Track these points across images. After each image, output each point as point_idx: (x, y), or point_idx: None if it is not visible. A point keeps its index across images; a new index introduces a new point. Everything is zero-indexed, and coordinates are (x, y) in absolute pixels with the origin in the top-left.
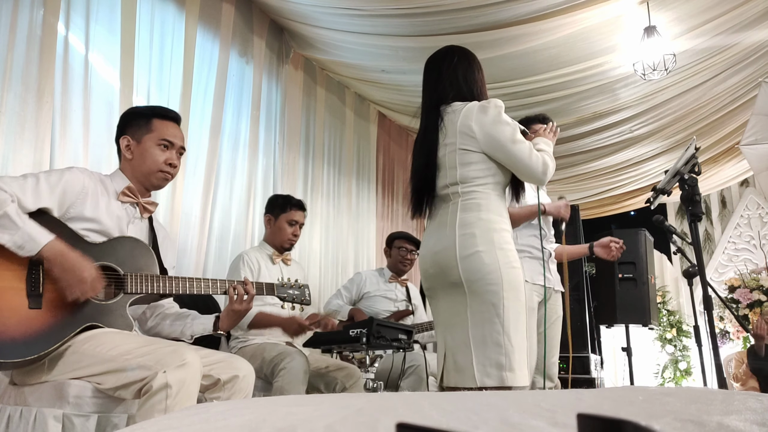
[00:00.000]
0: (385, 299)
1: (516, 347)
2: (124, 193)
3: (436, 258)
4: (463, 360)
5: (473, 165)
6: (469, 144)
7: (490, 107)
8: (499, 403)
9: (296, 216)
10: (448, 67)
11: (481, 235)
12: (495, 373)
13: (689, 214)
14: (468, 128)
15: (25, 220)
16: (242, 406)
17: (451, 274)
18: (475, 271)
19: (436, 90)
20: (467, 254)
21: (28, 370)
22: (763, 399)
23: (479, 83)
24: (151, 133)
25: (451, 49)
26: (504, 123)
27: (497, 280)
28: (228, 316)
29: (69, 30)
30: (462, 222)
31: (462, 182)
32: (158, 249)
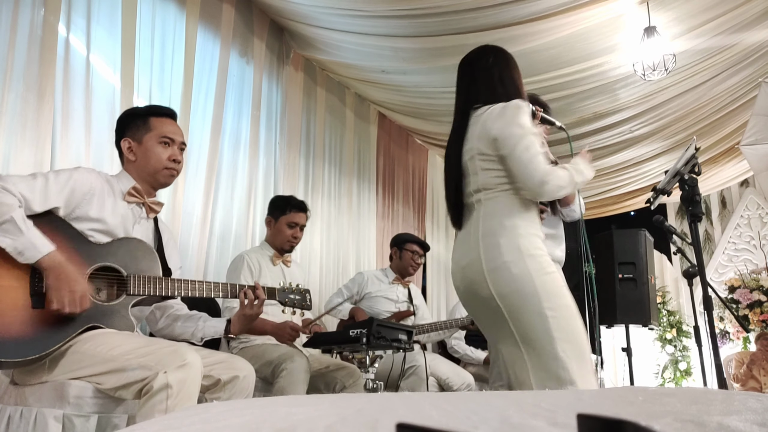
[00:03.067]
0: (386, 300)
1: (573, 357)
2: (130, 193)
3: (465, 273)
4: (522, 375)
5: (495, 171)
6: (486, 147)
7: (509, 108)
8: (499, 403)
9: (296, 218)
10: (484, 67)
11: (507, 243)
12: (556, 387)
13: (689, 215)
14: (487, 131)
15: (30, 227)
16: (242, 406)
17: (480, 289)
18: (506, 284)
19: (468, 93)
20: (494, 266)
21: (29, 370)
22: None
23: (516, 83)
24: (150, 132)
25: (486, 48)
26: (516, 125)
27: (532, 291)
28: (239, 321)
29: (70, 30)
30: (485, 231)
31: (484, 189)
32: (163, 250)
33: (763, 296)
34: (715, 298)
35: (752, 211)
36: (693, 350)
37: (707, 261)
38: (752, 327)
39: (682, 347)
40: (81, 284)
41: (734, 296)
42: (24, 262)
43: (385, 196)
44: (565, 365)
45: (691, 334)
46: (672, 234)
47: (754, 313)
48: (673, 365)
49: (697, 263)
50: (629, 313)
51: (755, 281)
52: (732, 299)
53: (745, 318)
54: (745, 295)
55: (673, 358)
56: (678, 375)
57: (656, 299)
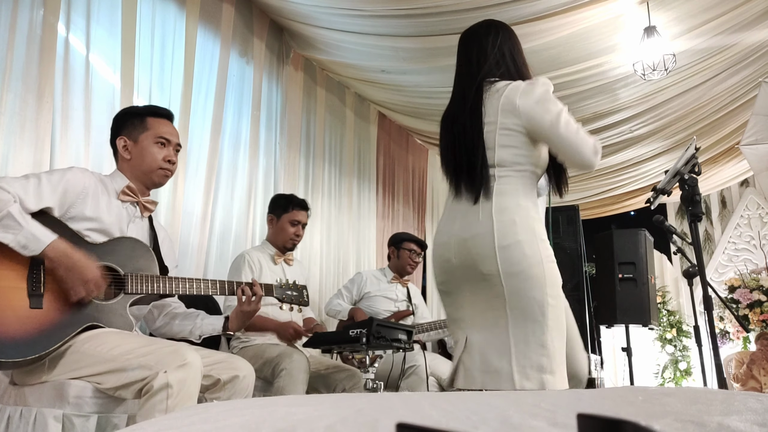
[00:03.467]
0: (385, 299)
1: (558, 348)
2: (124, 192)
3: (466, 246)
4: (498, 361)
5: (513, 149)
6: (512, 123)
7: (537, 84)
8: (499, 403)
9: (298, 216)
10: (494, 44)
11: (522, 222)
12: (535, 376)
13: (689, 214)
14: (512, 105)
15: (28, 219)
16: (242, 406)
17: (485, 264)
18: (516, 263)
19: (478, 66)
20: (507, 243)
21: (28, 370)
22: (763, 399)
23: (524, 62)
24: (147, 132)
25: (493, 24)
26: (552, 101)
27: (539, 275)
28: (237, 317)
29: (69, 30)
30: (500, 207)
31: (499, 165)
32: (159, 249)
33: (763, 296)
34: (715, 298)
35: (752, 211)
36: (693, 350)
37: (707, 261)
38: (752, 327)
39: (682, 347)
40: (92, 269)
41: (734, 296)
42: (29, 255)
43: (385, 195)
44: (550, 354)
45: (691, 334)
46: (672, 234)
47: (754, 313)
48: (673, 365)
49: (697, 263)
50: (629, 313)
51: (755, 281)
52: (732, 299)
53: (745, 318)
54: (745, 295)
55: (673, 358)
56: (678, 375)
57: (656, 299)
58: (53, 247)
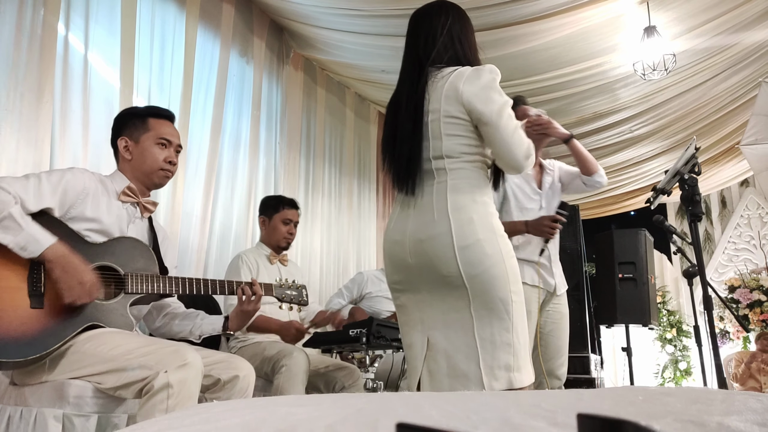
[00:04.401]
0: (386, 300)
1: (522, 345)
2: (124, 193)
3: (422, 247)
4: (465, 364)
5: (459, 138)
6: (455, 110)
7: (484, 71)
8: (500, 403)
9: (289, 214)
10: (443, 26)
11: (480, 220)
12: (503, 375)
13: (689, 214)
14: (455, 91)
15: (28, 221)
16: (242, 406)
17: (445, 266)
18: (477, 263)
19: (425, 49)
20: (466, 244)
21: (29, 370)
22: (763, 399)
23: (474, 47)
24: (148, 132)
25: (444, 5)
26: (496, 92)
27: (502, 273)
28: (237, 317)
29: (69, 30)
30: (455, 205)
31: (448, 156)
32: (158, 249)
33: (763, 296)
34: (715, 298)
35: (752, 211)
36: (693, 350)
37: (707, 261)
38: (752, 327)
39: (682, 347)
40: (88, 274)
41: (734, 296)
42: (27, 256)
43: (386, 195)
44: (516, 351)
45: (691, 333)
46: (672, 234)
47: (754, 312)
48: (673, 365)
49: (697, 263)
50: (629, 313)
51: (755, 281)
52: (732, 299)
53: (745, 318)
54: (745, 294)
55: (673, 358)
56: (678, 375)
57: (656, 299)
58: (52, 250)
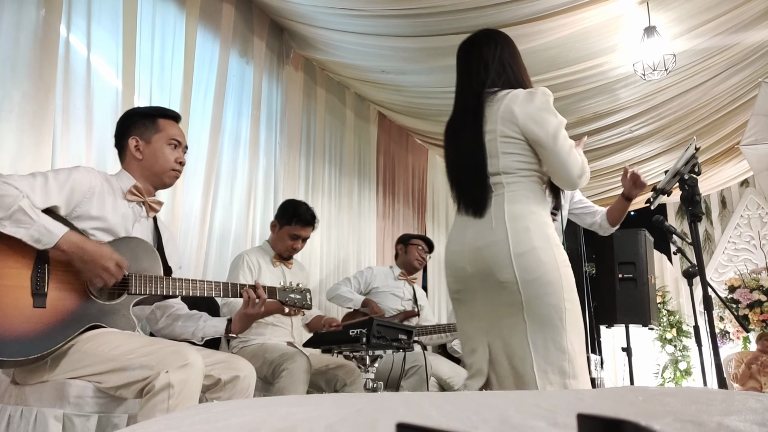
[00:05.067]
0: (393, 296)
1: (578, 352)
2: (131, 192)
3: (481, 254)
4: (522, 366)
5: (516, 155)
6: (511, 131)
7: (537, 94)
8: (499, 403)
9: (299, 231)
10: (493, 54)
11: (536, 229)
12: (558, 380)
13: (689, 214)
14: (511, 114)
15: (39, 213)
16: (243, 406)
17: (501, 272)
18: (533, 269)
19: (478, 77)
20: (522, 251)
21: (30, 369)
22: (763, 399)
23: (524, 71)
24: (160, 133)
25: (491, 34)
26: (551, 113)
27: (556, 280)
28: (240, 320)
29: (70, 31)
30: (512, 214)
31: (505, 172)
32: (163, 249)
33: (763, 296)
34: (715, 298)
35: (752, 211)
36: (693, 350)
37: (707, 261)
38: (752, 327)
39: (682, 347)
40: (109, 255)
41: (734, 296)
42: (42, 248)
43: (386, 195)
44: (571, 358)
45: (691, 334)
46: (672, 234)
47: (754, 313)
48: (673, 365)
49: (697, 263)
50: (629, 313)
51: (755, 281)
52: (732, 299)
53: (745, 318)
54: (745, 295)
55: (673, 358)
56: (678, 375)
57: (656, 299)
58: (66, 239)
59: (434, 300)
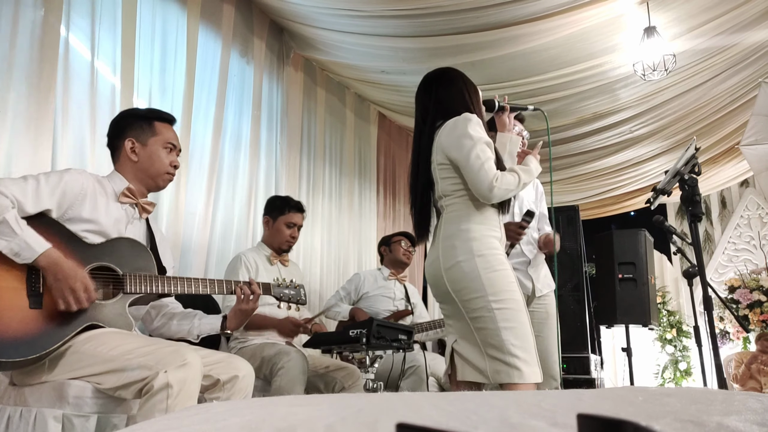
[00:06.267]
0: (384, 298)
1: (519, 346)
2: (124, 194)
3: (430, 270)
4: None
5: (449, 180)
6: (442, 158)
7: (459, 121)
8: (499, 403)
9: (294, 218)
10: (429, 97)
11: (461, 245)
12: (504, 370)
13: (689, 215)
14: (440, 144)
15: (24, 227)
16: (242, 406)
17: (439, 285)
18: (458, 280)
19: (423, 118)
20: (449, 266)
21: (28, 370)
22: (763, 399)
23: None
24: (156, 136)
25: (427, 78)
26: (467, 137)
27: (479, 287)
28: (235, 316)
29: (70, 31)
30: (445, 234)
31: (444, 196)
32: (156, 249)
33: (763, 296)
34: (715, 298)
35: (752, 211)
36: (693, 350)
37: (707, 261)
38: (752, 327)
39: (682, 347)
40: (80, 279)
41: (734, 296)
42: (21, 262)
43: (386, 196)
44: (510, 352)
45: (691, 334)
46: (672, 234)
47: (754, 313)
48: (673, 365)
49: (697, 263)
50: (629, 313)
51: (755, 281)
52: (732, 299)
53: (745, 318)
54: (745, 295)
55: (673, 358)
56: (678, 375)
57: (656, 299)
58: (45, 256)
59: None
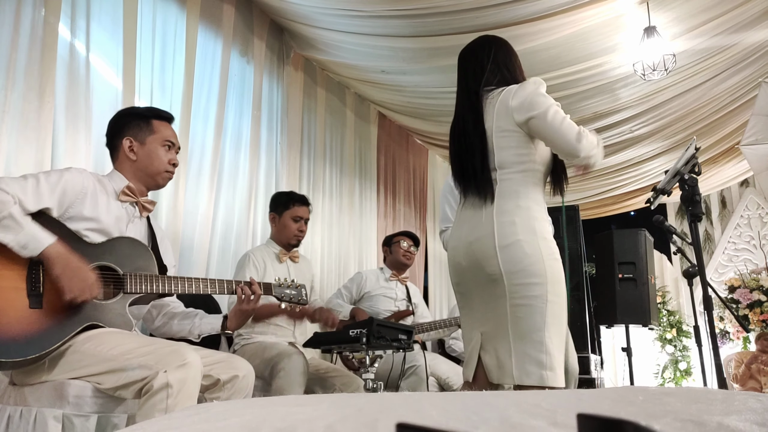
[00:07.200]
0: (385, 298)
1: (557, 346)
2: (124, 193)
3: (471, 249)
4: (504, 357)
5: (511, 149)
6: (506, 123)
7: (528, 84)
8: (499, 403)
9: (300, 212)
10: (488, 56)
11: (521, 223)
12: (535, 372)
13: (689, 215)
14: (506, 107)
15: (28, 221)
16: (242, 406)
17: (488, 265)
18: (517, 261)
19: (475, 76)
20: (507, 243)
21: (28, 370)
22: (763, 399)
23: (519, 68)
24: (154, 135)
25: (486, 39)
26: (542, 96)
27: (540, 272)
28: (236, 316)
29: (70, 30)
30: (500, 209)
31: (500, 168)
32: (157, 248)
33: (763, 296)
34: (715, 298)
35: (752, 211)
36: (693, 350)
37: (707, 261)
38: (752, 327)
39: (682, 347)
40: (86, 271)
41: (734, 296)
42: (28, 255)
43: (386, 195)
44: (548, 351)
45: (691, 334)
46: (672, 234)
47: (754, 313)
48: (673, 365)
49: (697, 263)
50: (629, 313)
51: (755, 281)
52: (732, 299)
53: (745, 318)
54: (745, 295)
55: (673, 358)
56: (678, 375)
57: (656, 299)
58: (52, 249)
59: (435, 297)
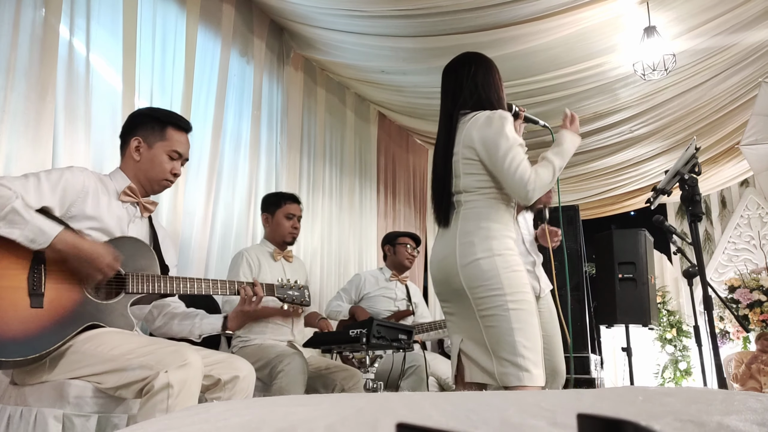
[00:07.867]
0: (385, 299)
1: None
2: (125, 193)
3: (441, 265)
4: (486, 362)
5: (474, 176)
6: (470, 153)
7: (494, 119)
8: (499, 403)
9: (291, 209)
10: (467, 76)
11: (480, 243)
12: (513, 373)
13: (689, 214)
14: (470, 138)
15: (33, 213)
16: (243, 406)
17: (453, 282)
18: (475, 278)
19: (454, 98)
20: (466, 262)
21: (28, 370)
22: (763, 399)
23: (498, 89)
24: (164, 142)
25: (468, 57)
26: (503, 137)
27: (497, 285)
28: (237, 317)
29: (70, 30)
30: (462, 231)
31: (465, 191)
32: (159, 248)
33: (763, 296)
34: (715, 298)
35: (752, 211)
36: (693, 350)
37: (707, 261)
38: (752, 327)
39: (682, 347)
40: (100, 252)
41: (734, 296)
42: (37, 248)
43: (386, 195)
44: (522, 354)
45: (691, 334)
46: (672, 234)
47: (754, 313)
48: (673, 365)
49: (697, 263)
50: (629, 313)
51: (755, 281)
52: (732, 299)
53: (745, 318)
54: (745, 295)
55: (673, 358)
56: (678, 375)
57: (656, 299)
58: (61, 239)
59: (435, 297)
